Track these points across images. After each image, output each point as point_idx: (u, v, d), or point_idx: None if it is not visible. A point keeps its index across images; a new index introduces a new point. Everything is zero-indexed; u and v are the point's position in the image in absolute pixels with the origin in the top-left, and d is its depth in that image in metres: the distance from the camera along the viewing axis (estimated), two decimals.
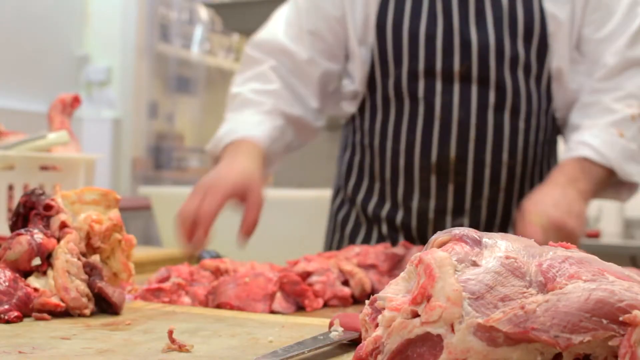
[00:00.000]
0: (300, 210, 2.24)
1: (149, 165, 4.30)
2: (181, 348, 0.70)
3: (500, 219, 1.52)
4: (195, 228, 1.25)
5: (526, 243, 0.60)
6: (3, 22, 3.48)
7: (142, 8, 4.16)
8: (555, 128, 1.58)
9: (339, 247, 1.62)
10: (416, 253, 0.60)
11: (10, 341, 0.73)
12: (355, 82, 1.55)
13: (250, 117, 1.48)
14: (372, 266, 1.21)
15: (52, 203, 0.92)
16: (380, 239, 1.56)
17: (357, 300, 1.16)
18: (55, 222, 0.92)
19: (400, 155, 1.50)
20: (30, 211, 0.93)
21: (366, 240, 1.58)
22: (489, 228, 1.51)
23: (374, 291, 1.15)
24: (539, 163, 1.55)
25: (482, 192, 1.48)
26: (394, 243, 1.52)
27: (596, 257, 0.59)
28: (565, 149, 1.48)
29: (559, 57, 1.49)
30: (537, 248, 0.59)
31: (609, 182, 1.44)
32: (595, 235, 3.04)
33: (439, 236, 0.61)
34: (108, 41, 4.07)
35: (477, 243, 0.59)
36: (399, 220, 1.53)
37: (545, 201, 1.33)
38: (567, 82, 1.51)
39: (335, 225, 1.66)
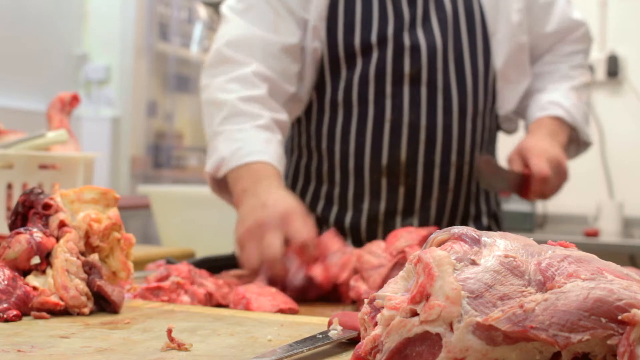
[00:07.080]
0: None
1: (148, 164, 4.29)
2: (180, 347, 0.71)
3: (448, 217, 1.54)
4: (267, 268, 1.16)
5: (525, 242, 0.60)
6: (2, 21, 3.48)
7: (141, 7, 4.16)
8: (496, 127, 1.63)
9: None
10: (415, 252, 0.60)
11: (9, 340, 0.73)
12: (304, 85, 1.53)
13: (253, 136, 1.36)
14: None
15: (51, 202, 0.92)
16: None
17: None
18: (54, 221, 0.92)
19: (349, 157, 1.51)
20: (29, 210, 0.93)
21: None
22: (437, 226, 1.54)
23: None
24: None
25: (432, 192, 1.51)
26: None
27: (595, 256, 0.59)
28: (537, 107, 1.57)
29: (501, 53, 1.53)
30: (536, 247, 0.59)
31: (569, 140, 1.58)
32: (594, 234, 3.04)
33: (437, 235, 0.61)
34: (107, 40, 4.07)
35: (476, 242, 0.59)
36: (348, 222, 1.53)
37: (543, 143, 1.47)
38: (512, 79, 1.56)
39: None
